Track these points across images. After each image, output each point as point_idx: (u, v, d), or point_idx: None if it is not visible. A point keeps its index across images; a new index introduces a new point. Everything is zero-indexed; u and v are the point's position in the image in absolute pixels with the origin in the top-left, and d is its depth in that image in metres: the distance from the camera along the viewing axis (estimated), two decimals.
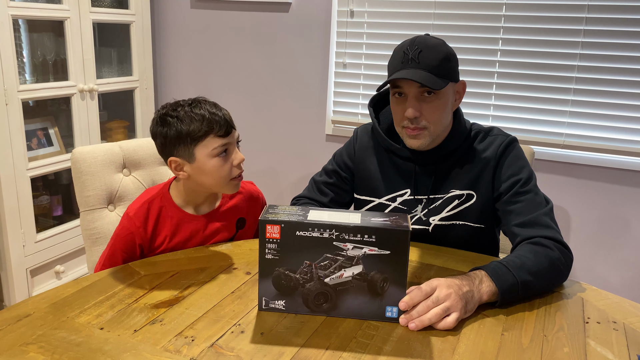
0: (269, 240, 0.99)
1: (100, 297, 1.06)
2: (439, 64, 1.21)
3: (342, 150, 1.49)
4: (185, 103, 1.26)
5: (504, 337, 0.97)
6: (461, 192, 1.32)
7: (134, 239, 1.28)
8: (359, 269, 0.98)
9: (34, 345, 0.89)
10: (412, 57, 1.21)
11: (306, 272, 1.00)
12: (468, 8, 2.17)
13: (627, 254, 2.12)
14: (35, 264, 2.24)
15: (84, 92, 2.33)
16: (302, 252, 0.98)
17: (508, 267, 1.08)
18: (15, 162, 2.09)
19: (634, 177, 2.05)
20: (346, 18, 2.39)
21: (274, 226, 0.97)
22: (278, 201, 2.70)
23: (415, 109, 1.23)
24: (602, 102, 2.05)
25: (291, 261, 1.00)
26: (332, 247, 0.97)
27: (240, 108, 2.72)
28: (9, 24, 2.00)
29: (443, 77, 1.22)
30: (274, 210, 1.02)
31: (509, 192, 1.28)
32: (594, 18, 1.99)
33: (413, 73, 1.20)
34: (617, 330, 1.00)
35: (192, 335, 0.94)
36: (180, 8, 2.74)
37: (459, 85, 1.30)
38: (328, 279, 1.00)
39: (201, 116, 1.22)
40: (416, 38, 1.24)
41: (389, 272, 0.98)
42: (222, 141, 1.24)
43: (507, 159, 1.31)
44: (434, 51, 1.21)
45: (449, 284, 1.01)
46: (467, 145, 1.34)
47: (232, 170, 1.27)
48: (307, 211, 1.02)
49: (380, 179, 1.40)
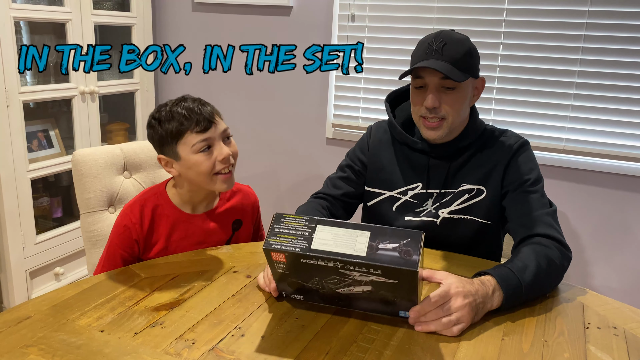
0: (277, 262, 0.98)
1: (101, 300, 1.05)
2: (462, 57, 1.24)
3: (356, 146, 1.52)
4: (170, 103, 1.28)
5: (504, 342, 0.97)
6: (472, 186, 1.34)
7: (131, 234, 1.28)
8: (367, 287, 0.97)
9: (34, 348, 0.89)
10: (436, 49, 1.24)
11: (317, 283, 1.00)
12: (469, 13, 2.18)
13: (627, 259, 2.12)
14: (35, 265, 2.24)
15: (84, 94, 2.33)
16: (310, 273, 0.98)
17: (514, 271, 1.08)
18: (16, 164, 2.09)
19: (634, 182, 2.05)
20: (347, 22, 2.39)
21: (278, 253, 0.96)
22: (278, 204, 2.70)
23: (436, 99, 1.26)
24: (603, 107, 2.05)
25: (301, 277, 1.00)
26: (338, 272, 0.96)
27: (241, 111, 2.72)
28: (11, 25, 2.00)
29: (465, 71, 1.25)
30: (280, 226, 0.98)
31: (516, 190, 1.30)
32: (594, 23, 2.00)
33: (437, 64, 1.23)
34: (617, 336, 1.00)
35: (193, 339, 0.94)
36: (182, 11, 2.75)
37: (479, 81, 1.33)
38: (340, 290, 1.00)
39: (178, 114, 1.24)
40: (442, 31, 1.28)
41: (398, 294, 0.97)
42: (202, 136, 1.23)
43: (519, 159, 1.33)
44: (458, 45, 1.25)
45: (466, 293, 1.00)
46: (481, 142, 1.37)
47: (216, 164, 1.25)
48: (313, 231, 0.96)
49: (392, 171, 1.42)
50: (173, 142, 1.25)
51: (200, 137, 1.23)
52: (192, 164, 1.25)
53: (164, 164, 1.30)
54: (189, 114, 1.24)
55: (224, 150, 1.26)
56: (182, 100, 1.28)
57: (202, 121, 1.24)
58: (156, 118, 1.27)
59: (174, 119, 1.24)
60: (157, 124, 1.26)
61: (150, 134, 1.29)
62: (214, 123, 1.26)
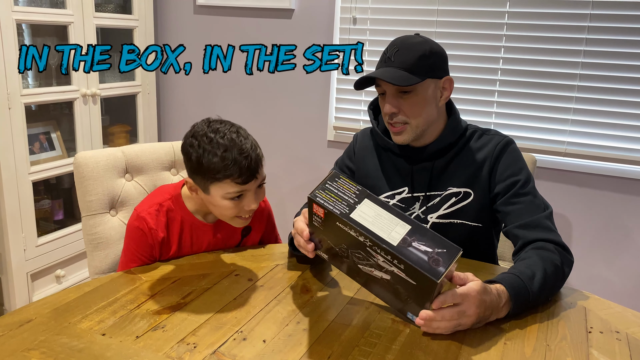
0: (315, 214, 0.99)
1: (103, 303, 1.05)
2: (415, 62, 1.24)
3: (344, 154, 1.53)
4: (220, 128, 1.18)
5: (507, 346, 0.97)
6: (458, 189, 1.34)
7: (147, 239, 1.26)
8: (386, 276, 0.97)
9: (35, 351, 0.89)
10: (388, 57, 1.27)
11: (344, 250, 1.00)
12: (471, 16, 2.18)
13: (628, 262, 2.12)
14: (36, 268, 2.24)
15: (86, 97, 2.33)
16: (340, 238, 0.98)
17: (523, 280, 1.06)
18: (17, 166, 2.09)
19: (636, 185, 2.05)
20: (349, 25, 2.40)
21: (319, 207, 0.97)
22: (279, 207, 2.70)
23: (392, 105, 1.27)
24: (605, 110, 2.05)
25: (331, 238, 1.00)
26: (365, 249, 0.96)
27: (243, 113, 2.72)
28: (13, 28, 2.00)
29: (420, 74, 1.24)
30: (332, 184, 0.99)
31: (507, 193, 1.29)
32: (596, 27, 2.00)
33: (384, 72, 1.24)
34: (620, 340, 1.00)
35: (194, 342, 0.94)
36: (183, 13, 2.75)
37: (445, 81, 1.31)
38: (361, 266, 1.00)
39: (225, 154, 1.14)
40: (397, 38, 1.29)
41: (412, 295, 0.97)
42: (239, 188, 1.18)
43: (505, 158, 1.32)
44: (411, 50, 1.25)
45: (479, 304, 0.98)
46: (462, 143, 1.36)
47: (241, 212, 1.22)
48: (359, 201, 0.97)
49: (378, 177, 1.42)
50: (208, 180, 1.17)
51: (237, 188, 1.17)
52: (218, 205, 1.21)
53: (188, 186, 1.25)
54: (236, 158, 1.14)
55: (253, 204, 1.22)
56: (234, 133, 1.17)
57: (245, 174, 1.16)
58: (202, 142, 1.16)
59: (219, 156, 1.14)
60: (200, 151, 1.16)
61: (188, 151, 1.19)
62: (256, 177, 1.20)
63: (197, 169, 1.18)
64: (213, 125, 1.20)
